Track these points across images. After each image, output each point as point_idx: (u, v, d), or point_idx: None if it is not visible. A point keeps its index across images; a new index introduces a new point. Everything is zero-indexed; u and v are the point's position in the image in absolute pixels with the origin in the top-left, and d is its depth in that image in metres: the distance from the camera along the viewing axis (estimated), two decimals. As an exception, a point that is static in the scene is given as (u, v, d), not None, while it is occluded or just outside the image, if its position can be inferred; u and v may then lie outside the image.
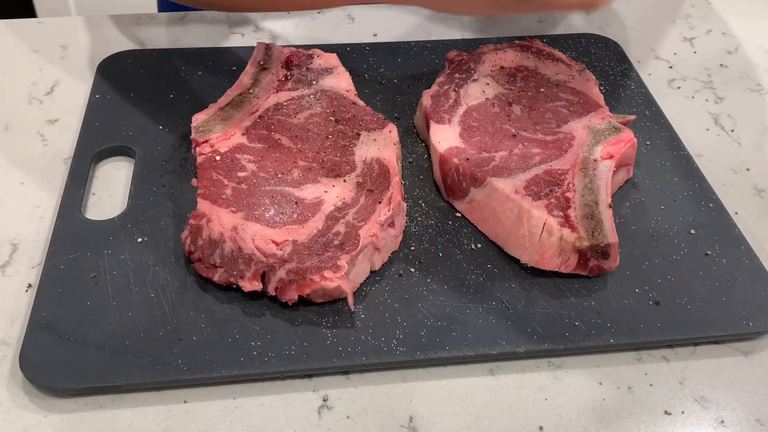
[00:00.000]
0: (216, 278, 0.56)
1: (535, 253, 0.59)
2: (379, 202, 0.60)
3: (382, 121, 0.67)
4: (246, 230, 0.57)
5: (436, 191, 0.67)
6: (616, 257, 0.59)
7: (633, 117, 0.70)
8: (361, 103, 0.70)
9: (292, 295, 0.55)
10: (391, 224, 0.60)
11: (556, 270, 0.59)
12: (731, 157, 0.74)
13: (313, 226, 0.59)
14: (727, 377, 0.56)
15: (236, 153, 0.64)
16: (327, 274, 0.54)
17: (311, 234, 0.58)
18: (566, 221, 0.59)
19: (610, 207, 0.60)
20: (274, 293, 0.56)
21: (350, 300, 0.56)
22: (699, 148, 0.75)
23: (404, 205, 0.63)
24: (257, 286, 0.55)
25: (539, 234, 0.59)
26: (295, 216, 0.59)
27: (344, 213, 0.59)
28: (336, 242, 0.57)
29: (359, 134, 0.66)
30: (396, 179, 0.62)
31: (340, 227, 0.58)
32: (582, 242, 0.57)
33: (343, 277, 0.55)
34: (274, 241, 0.57)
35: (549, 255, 0.59)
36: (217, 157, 0.63)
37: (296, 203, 0.60)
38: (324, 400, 0.53)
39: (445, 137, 0.66)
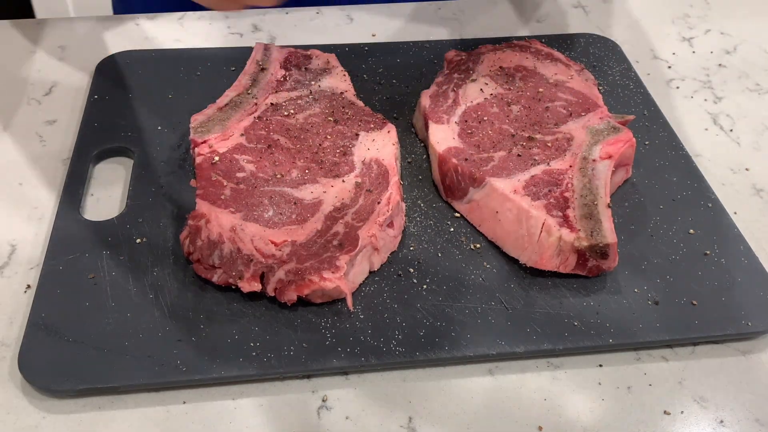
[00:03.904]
0: (215, 279, 0.56)
1: (534, 253, 0.59)
2: (378, 203, 0.60)
3: (381, 121, 0.67)
4: (245, 231, 0.57)
5: (435, 191, 0.67)
6: (615, 257, 0.59)
7: (632, 117, 0.70)
8: (360, 103, 0.70)
9: (291, 296, 0.55)
10: (390, 224, 0.60)
11: (555, 270, 0.59)
12: (730, 157, 0.74)
13: (312, 226, 0.59)
14: (726, 377, 0.56)
15: (235, 153, 0.64)
16: (326, 274, 0.54)
17: (310, 234, 0.58)
18: (565, 221, 0.59)
19: (609, 207, 0.60)
20: (273, 294, 0.55)
21: (349, 300, 0.56)
22: (698, 147, 0.75)
23: (403, 205, 0.63)
24: (256, 286, 0.55)
25: (538, 234, 0.59)
26: (293, 216, 0.59)
27: (343, 213, 0.59)
28: (335, 243, 0.57)
29: (358, 134, 0.66)
30: (395, 179, 0.62)
31: (339, 228, 0.58)
32: (581, 242, 0.57)
33: (342, 278, 0.55)
34: (273, 242, 0.57)
35: (548, 255, 0.59)
36: (216, 158, 0.63)
37: (295, 204, 0.60)
38: (323, 401, 0.53)
39: (443, 137, 0.66)
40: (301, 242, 0.57)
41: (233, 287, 0.56)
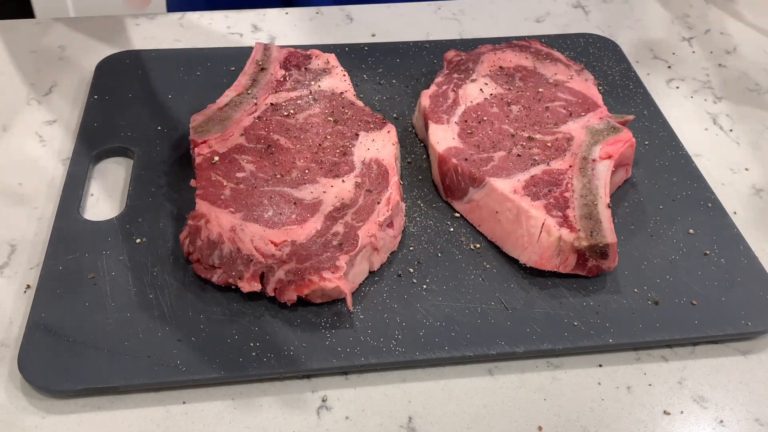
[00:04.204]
0: (215, 279, 0.56)
1: (534, 253, 0.59)
2: (378, 203, 0.60)
3: (381, 121, 0.67)
4: (245, 231, 0.57)
5: (435, 191, 0.67)
6: (615, 257, 0.59)
7: (631, 117, 0.70)
8: (360, 103, 0.69)
9: (290, 296, 0.55)
10: (390, 224, 0.60)
11: (555, 270, 0.59)
12: (730, 157, 0.74)
13: (312, 226, 0.59)
14: (726, 377, 0.56)
15: (235, 153, 0.64)
16: (326, 274, 0.54)
17: (310, 234, 0.58)
18: (565, 221, 0.59)
19: (609, 207, 0.60)
20: (272, 294, 0.55)
21: (349, 300, 0.56)
22: (697, 147, 0.75)
23: (403, 205, 0.63)
24: (256, 286, 0.55)
25: (538, 234, 0.59)
26: (293, 216, 0.59)
27: (343, 213, 0.59)
28: (335, 243, 0.57)
29: (358, 134, 0.66)
30: (395, 179, 0.62)
31: (339, 228, 0.58)
32: (581, 242, 0.57)
33: (341, 278, 0.55)
34: (272, 242, 0.57)
35: (548, 255, 0.59)
36: (216, 158, 0.63)
37: (295, 204, 0.60)
38: (323, 401, 0.53)
39: (443, 137, 0.66)
40: (301, 242, 0.57)
41: (233, 287, 0.56)
